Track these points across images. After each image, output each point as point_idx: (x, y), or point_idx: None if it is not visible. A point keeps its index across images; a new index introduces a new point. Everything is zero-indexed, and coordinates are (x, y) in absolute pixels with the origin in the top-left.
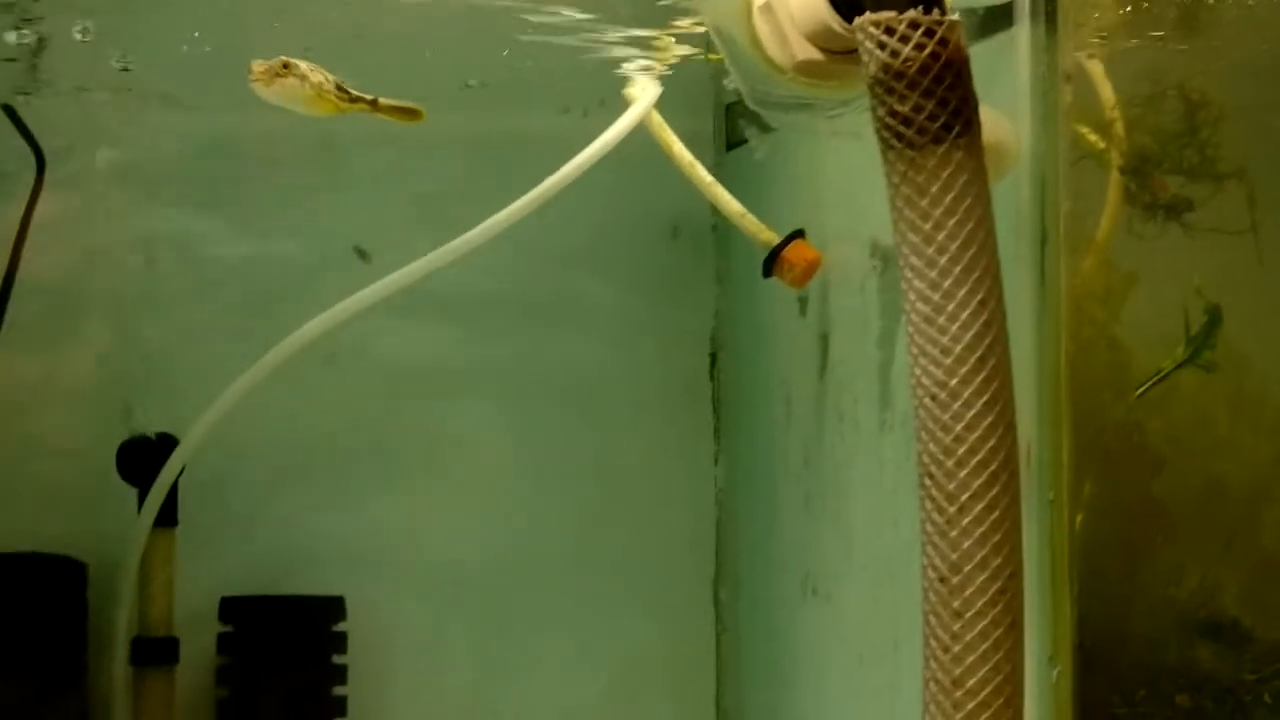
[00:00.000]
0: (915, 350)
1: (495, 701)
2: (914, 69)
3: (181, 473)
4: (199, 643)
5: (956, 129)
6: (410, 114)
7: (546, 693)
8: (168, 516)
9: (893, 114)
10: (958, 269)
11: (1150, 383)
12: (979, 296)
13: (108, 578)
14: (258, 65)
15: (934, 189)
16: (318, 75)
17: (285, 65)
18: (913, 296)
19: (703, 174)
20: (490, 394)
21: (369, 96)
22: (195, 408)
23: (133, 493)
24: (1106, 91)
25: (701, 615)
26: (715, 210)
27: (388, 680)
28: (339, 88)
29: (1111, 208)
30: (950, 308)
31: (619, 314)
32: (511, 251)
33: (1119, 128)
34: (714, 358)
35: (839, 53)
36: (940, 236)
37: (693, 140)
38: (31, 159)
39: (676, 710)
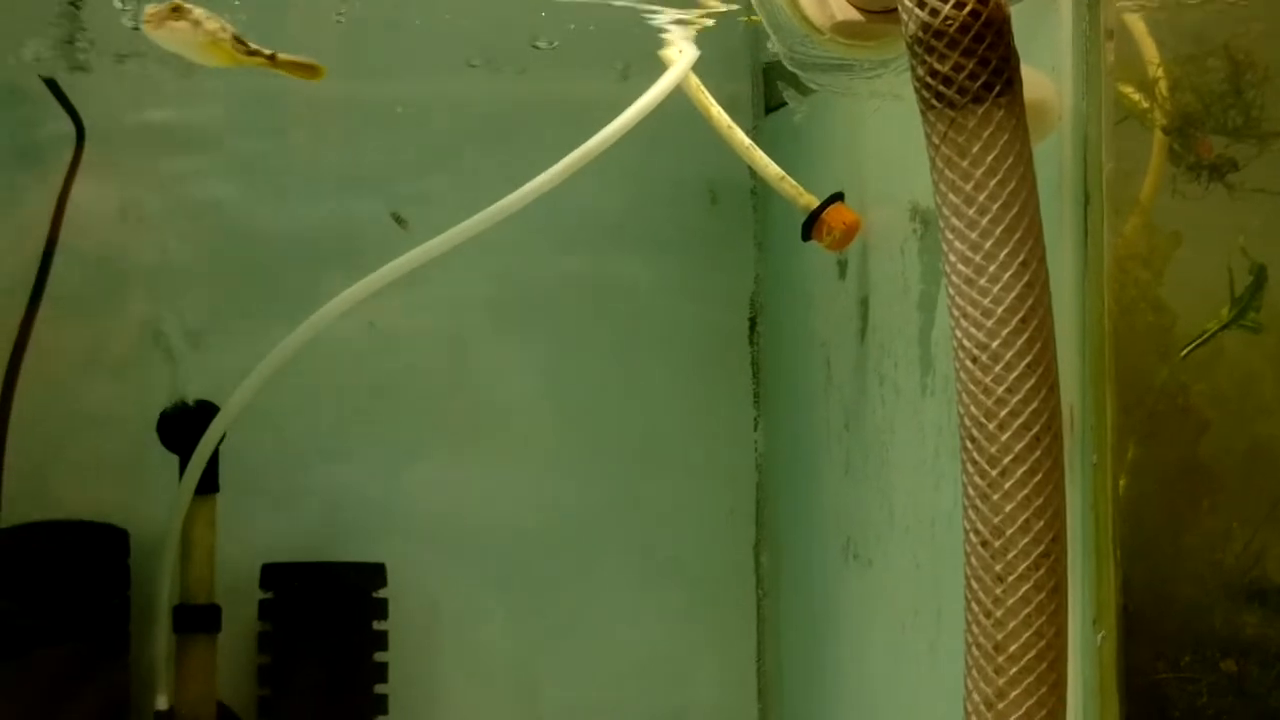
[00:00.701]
0: (956, 313)
1: (536, 668)
2: (954, 27)
3: (222, 440)
4: (241, 610)
5: (998, 88)
6: (310, 70)
7: (587, 659)
8: (209, 484)
9: (933, 73)
10: (999, 230)
11: (1194, 344)
12: (1021, 258)
13: (150, 545)
14: (150, 7)
15: (975, 149)
16: (213, 23)
17: (176, 9)
18: (954, 258)
19: (741, 137)
20: (530, 360)
21: (267, 51)
22: (235, 375)
23: (173, 460)
24: (1149, 50)
25: (742, 581)
26: (754, 174)
27: (429, 647)
28: (236, 39)
29: (1155, 168)
30: (992, 269)
31: (657, 279)
32: (549, 217)
33: (1162, 87)
34: (753, 322)
35: (877, 12)
36: (981, 197)
37: (730, 103)
38: (72, 129)
39: (718, 676)
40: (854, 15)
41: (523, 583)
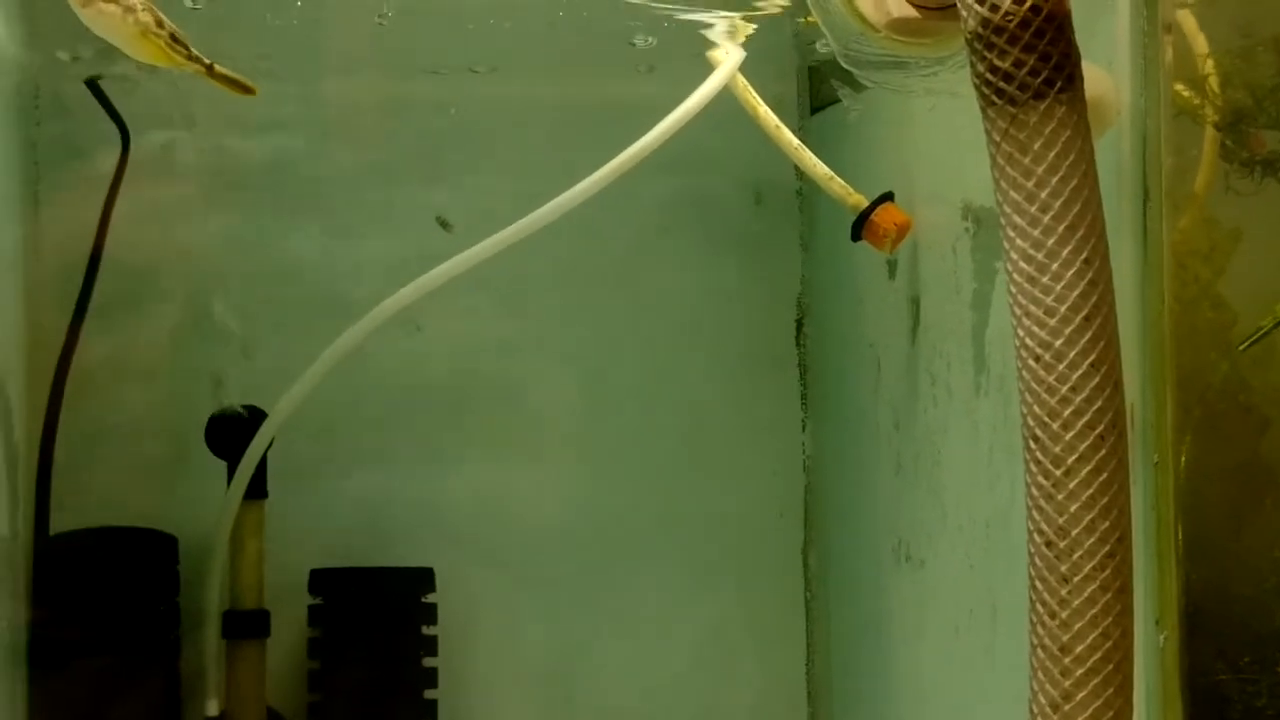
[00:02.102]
0: (1018, 311)
1: (581, 672)
2: (1015, 23)
3: (270, 445)
4: (289, 615)
5: (1059, 84)
6: (243, 88)
7: (634, 664)
8: (257, 489)
9: (993, 70)
10: (1061, 227)
11: (1250, 340)
12: (1083, 255)
13: (199, 551)
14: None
15: (1036, 146)
16: (147, 15)
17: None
18: (1015, 256)
19: (789, 137)
20: (576, 363)
21: (206, 60)
22: (281, 382)
23: (220, 467)
24: (1200, 45)
25: (790, 583)
26: (800, 174)
27: (473, 652)
28: (173, 38)
29: (1207, 164)
30: (1054, 267)
31: (703, 281)
32: (594, 219)
33: (1213, 82)
34: (799, 323)
35: (933, 9)
36: (1043, 194)
37: (776, 104)
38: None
39: (766, 680)
40: (910, 12)
41: (567, 586)
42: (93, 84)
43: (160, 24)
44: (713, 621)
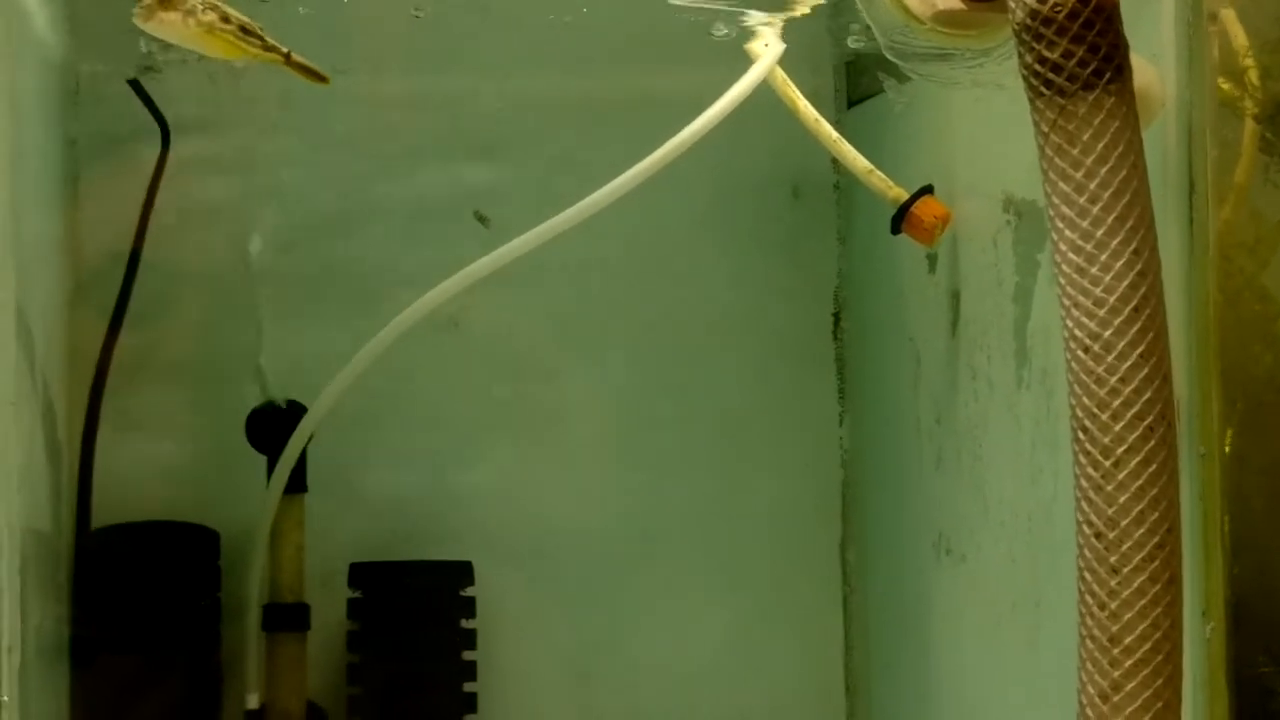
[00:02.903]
0: (1067, 302)
1: (616, 666)
2: (1064, 14)
3: (310, 440)
4: (329, 609)
5: (1108, 75)
6: (318, 77)
7: (669, 659)
8: (297, 483)
9: (1042, 61)
10: (1111, 218)
11: None
12: (1133, 246)
13: (239, 545)
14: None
15: (1085, 137)
16: (209, 14)
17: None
18: (1064, 248)
19: (829, 130)
20: (613, 358)
21: (284, 49)
22: (319, 377)
23: (260, 462)
24: (1240, 37)
25: (829, 578)
26: (837, 168)
27: (510, 646)
28: (244, 30)
29: (1247, 157)
30: (1103, 258)
31: (740, 275)
32: (630, 214)
33: (1253, 75)
34: (837, 317)
35: (979, 1)
36: (1092, 185)
37: (813, 97)
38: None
39: (804, 675)
40: (955, 4)
41: (603, 581)
42: (134, 82)
43: (226, 19)
44: (750, 617)
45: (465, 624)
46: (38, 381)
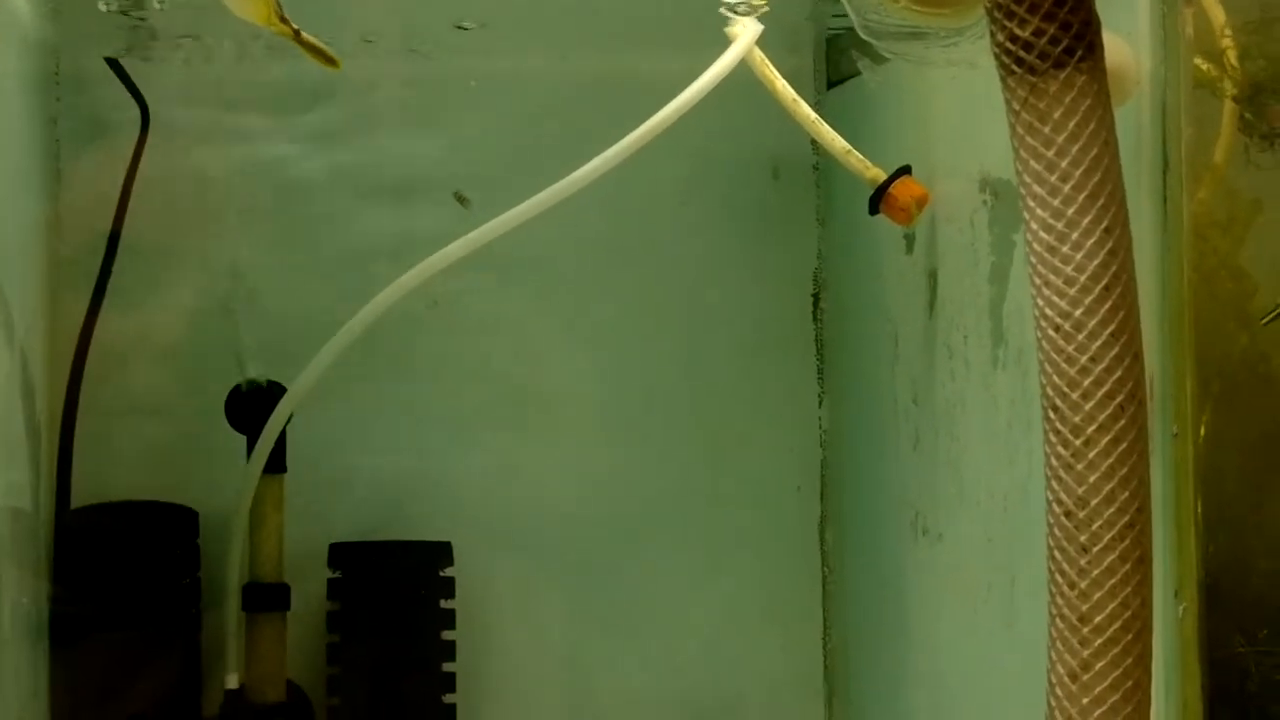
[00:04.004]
0: (1038, 281)
1: (597, 647)
2: None
3: (289, 420)
4: (309, 589)
5: (1079, 53)
6: (326, 59)
7: (651, 639)
8: (276, 463)
9: (1013, 39)
10: (1082, 196)
11: (1271, 316)
12: (1104, 224)
13: (219, 525)
14: None
15: (1056, 115)
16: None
17: None
18: (1035, 226)
19: (807, 111)
20: (592, 338)
21: (294, 26)
22: (299, 357)
23: (240, 442)
24: (1218, 17)
25: (808, 558)
26: (816, 149)
27: (490, 627)
28: (279, 12)
29: (1226, 136)
30: (1074, 236)
31: (719, 256)
32: (611, 195)
33: (1231, 55)
34: (816, 298)
35: None
36: (1063, 163)
37: (792, 78)
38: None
39: (783, 654)
40: None
41: (584, 562)
42: (113, 61)
43: None
44: (729, 597)
45: (444, 604)
46: (17, 361)
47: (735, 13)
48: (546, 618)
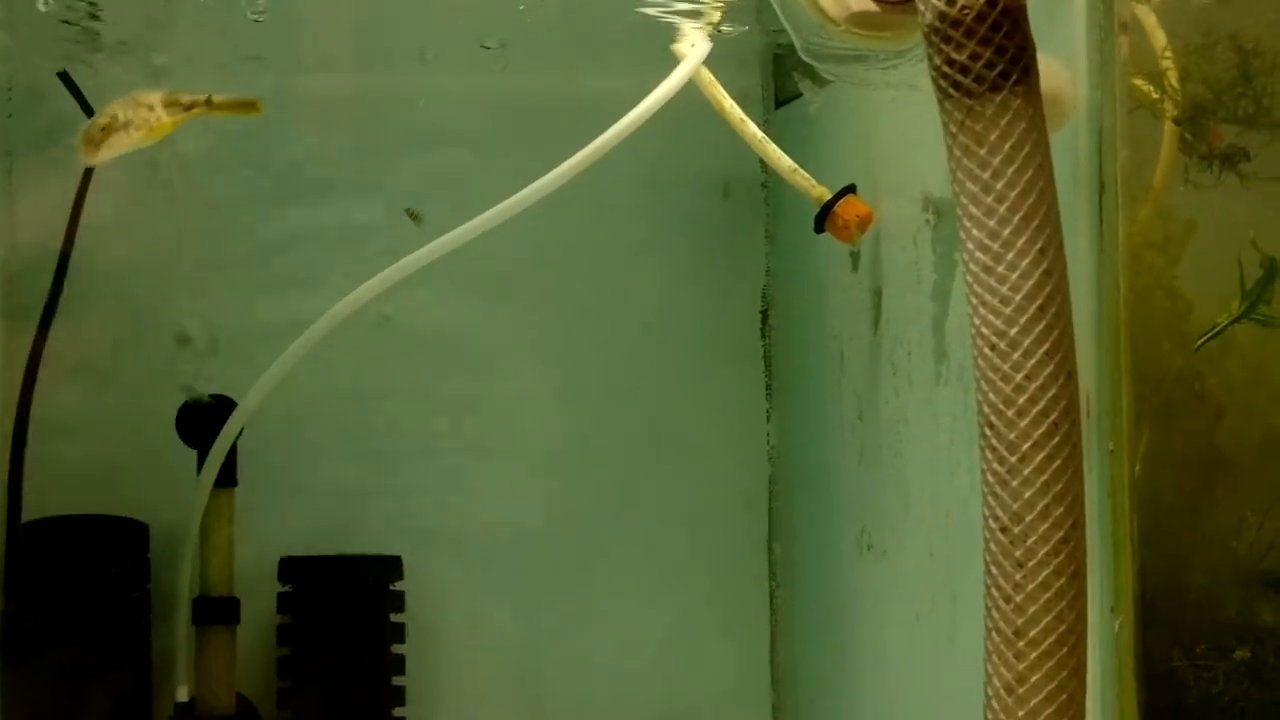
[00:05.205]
0: (974, 300)
1: (548, 661)
2: (971, 16)
3: (240, 435)
4: (259, 602)
5: (1015, 76)
6: (247, 106)
7: (600, 653)
8: (227, 477)
9: (950, 62)
10: (1017, 217)
11: (1206, 337)
12: (1039, 245)
13: (169, 539)
14: (81, 134)
15: (992, 137)
16: (140, 113)
17: (104, 127)
18: (971, 246)
19: (754, 130)
20: (542, 354)
21: (203, 97)
22: (250, 372)
23: (190, 456)
24: (1159, 40)
25: (755, 573)
26: (765, 168)
27: (441, 641)
28: (168, 104)
29: (1165, 157)
30: (1010, 256)
31: (669, 273)
32: (561, 212)
33: (1172, 77)
34: (765, 315)
35: (892, 3)
36: (999, 185)
37: (741, 97)
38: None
39: (731, 668)
40: (869, 6)
41: (534, 576)
42: (63, 74)
43: (151, 109)
44: (678, 611)
45: (394, 618)
46: None
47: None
48: (497, 627)
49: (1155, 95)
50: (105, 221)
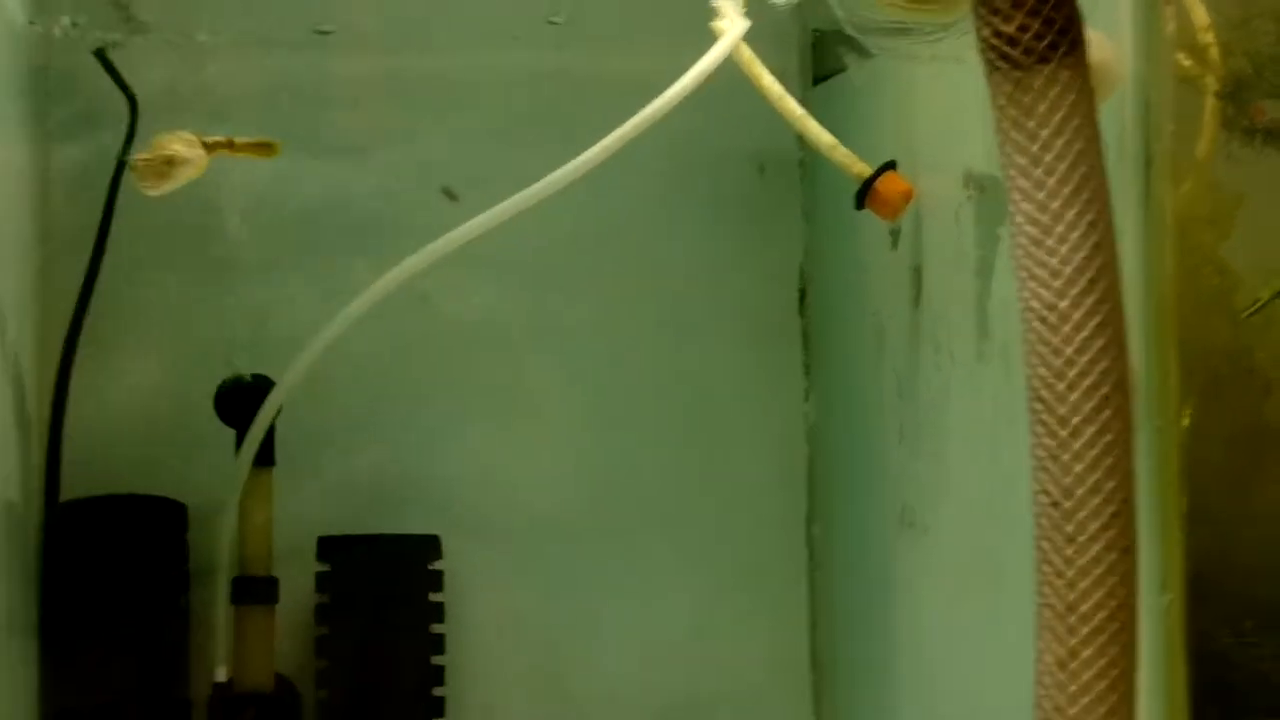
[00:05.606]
0: (1024, 273)
1: (583, 641)
2: None
3: (278, 414)
4: (297, 582)
5: (1063, 48)
6: (266, 149)
7: (636, 633)
8: (265, 457)
9: (998, 34)
10: (1067, 189)
11: (1251, 310)
12: (1089, 217)
13: (207, 519)
14: (143, 172)
15: (1041, 109)
16: (194, 148)
17: (168, 160)
18: (1020, 219)
19: (794, 106)
20: (579, 334)
21: (224, 140)
22: (287, 352)
23: (229, 436)
24: (1200, 15)
25: (794, 553)
26: (802, 145)
27: (476, 620)
28: (203, 145)
29: (1209, 132)
30: (1059, 229)
31: (705, 253)
32: (594, 192)
33: (1214, 52)
34: (803, 294)
35: None
36: (1048, 157)
37: (779, 75)
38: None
39: (769, 649)
40: None
41: (570, 556)
42: (100, 53)
43: (190, 146)
44: (715, 591)
45: (433, 597)
46: (8, 354)
47: None
48: (532, 607)
49: (1197, 70)
50: (143, 198)
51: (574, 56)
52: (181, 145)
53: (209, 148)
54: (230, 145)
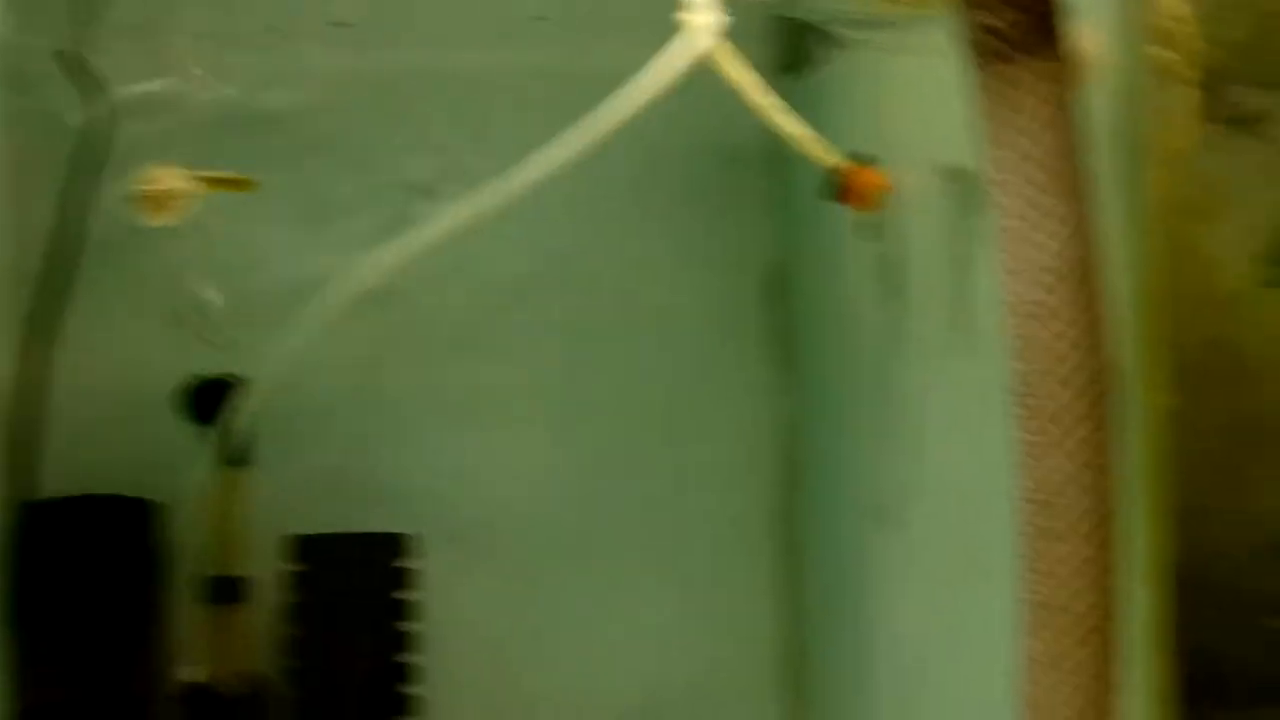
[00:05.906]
0: (1008, 268)
1: (555, 638)
2: None
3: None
4: (269, 581)
5: (1045, 40)
6: (241, 184)
7: (609, 630)
8: (240, 456)
9: (985, 28)
10: (1049, 183)
11: (1234, 301)
12: (1072, 211)
13: (180, 517)
14: (142, 201)
15: (1022, 101)
16: (190, 181)
17: (167, 193)
18: (1005, 213)
19: (766, 98)
20: (548, 330)
21: (203, 176)
22: (260, 349)
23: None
24: (1178, 5)
25: (770, 550)
26: (774, 136)
27: (444, 621)
28: (201, 180)
29: (1189, 122)
30: (1043, 223)
31: (676, 246)
32: (561, 186)
33: (1192, 42)
34: (775, 286)
35: None
36: (1036, 151)
37: (749, 65)
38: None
39: (745, 646)
40: None
41: (541, 554)
42: (64, 56)
43: (185, 182)
44: (688, 590)
45: (403, 595)
46: None
47: None
48: (503, 605)
49: (1175, 60)
50: (117, 203)
51: (561, 53)
52: (174, 179)
53: (209, 184)
54: (206, 180)
